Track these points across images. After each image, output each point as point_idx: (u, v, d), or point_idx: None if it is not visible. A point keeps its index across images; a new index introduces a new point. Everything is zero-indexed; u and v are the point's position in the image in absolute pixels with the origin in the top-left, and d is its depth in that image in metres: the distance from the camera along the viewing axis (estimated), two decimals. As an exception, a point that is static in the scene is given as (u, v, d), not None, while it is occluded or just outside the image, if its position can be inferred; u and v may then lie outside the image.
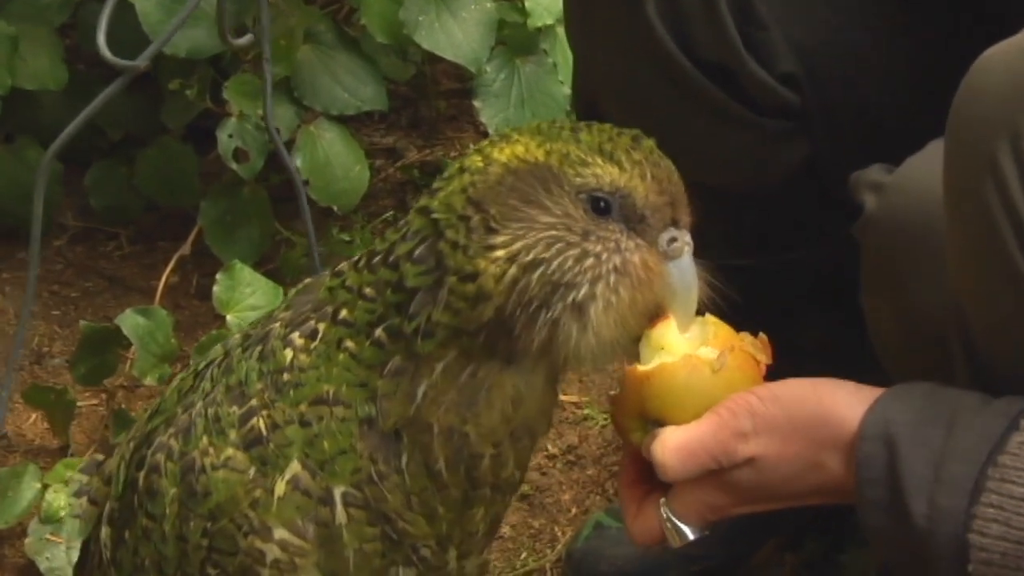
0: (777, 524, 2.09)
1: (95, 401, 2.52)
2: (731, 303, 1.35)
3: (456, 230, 1.26)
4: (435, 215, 1.28)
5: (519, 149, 1.28)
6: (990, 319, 1.24)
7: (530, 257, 1.25)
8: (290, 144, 2.65)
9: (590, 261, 1.26)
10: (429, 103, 3.02)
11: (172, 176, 2.77)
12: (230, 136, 2.60)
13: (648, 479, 1.34)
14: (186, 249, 2.72)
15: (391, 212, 2.89)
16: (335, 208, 2.70)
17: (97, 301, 2.74)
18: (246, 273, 2.41)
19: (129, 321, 2.30)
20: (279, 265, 2.71)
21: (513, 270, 1.25)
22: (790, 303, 1.81)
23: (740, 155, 1.70)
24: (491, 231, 1.26)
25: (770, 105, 1.66)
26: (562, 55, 2.70)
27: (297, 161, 2.66)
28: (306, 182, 2.66)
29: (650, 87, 1.68)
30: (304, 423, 1.32)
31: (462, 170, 1.29)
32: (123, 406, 2.44)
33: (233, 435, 1.33)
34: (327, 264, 2.74)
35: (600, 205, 1.27)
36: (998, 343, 1.24)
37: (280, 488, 1.31)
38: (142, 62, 2.09)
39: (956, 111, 1.23)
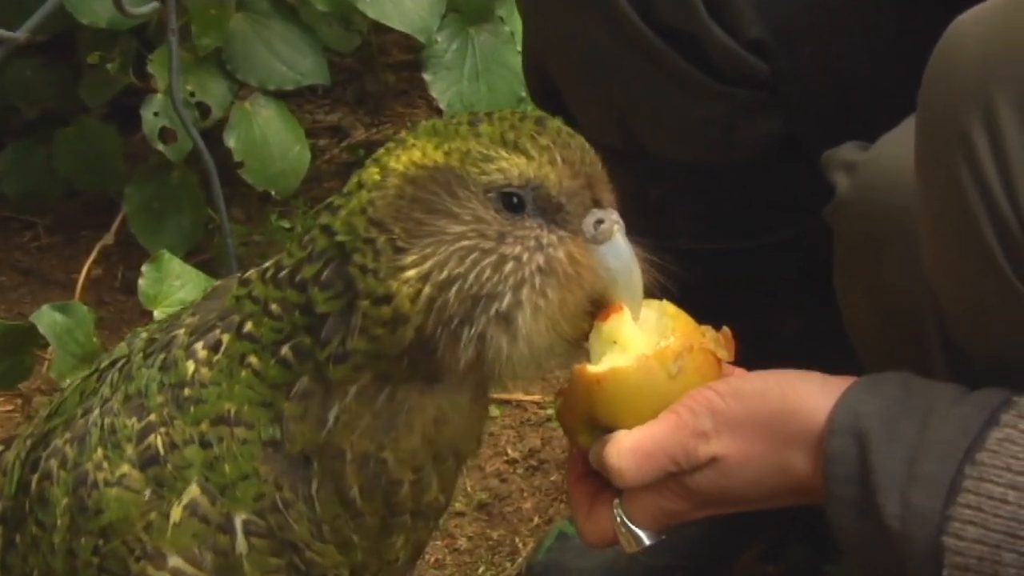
0: (757, 530, 2.11)
1: (10, 407, 2.53)
2: (700, 289, 1.36)
3: (363, 254, 1.26)
4: (339, 237, 1.28)
5: (416, 155, 1.28)
6: (964, 303, 1.25)
7: (444, 275, 1.25)
8: (223, 122, 2.66)
9: (509, 266, 1.27)
10: (376, 76, 3.04)
11: (93, 159, 2.78)
12: (156, 114, 2.61)
13: (599, 473, 1.35)
14: (109, 239, 2.72)
15: (335, 196, 2.90)
16: (273, 192, 2.72)
17: (11, 296, 2.75)
18: (175, 264, 2.39)
19: (46, 318, 2.30)
20: (212, 255, 2.72)
21: (428, 289, 1.25)
22: (769, 289, 1.83)
23: (708, 128, 1.71)
24: (399, 251, 1.26)
25: (737, 74, 1.67)
26: (520, 23, 2.72)
27: (231, 141, 2.67)
28: (241, 164, 2.68)
29: (607, 54, 1.70)
30: (204, 444, 1.33)
31: (360, 185, 1.29)
32: (40, 412, 2.45)
33: (130, 450, 1.34)
34: (267, 254, 2.75)
35: (512, 201, 1.28)
36: (973, 327, 1.26)
37: (177, 513, 1.32)
38: (22, 34, 2.06)
39: (927, 83, 1.24)
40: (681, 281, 1.33)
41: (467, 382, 1.32)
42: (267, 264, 1.36)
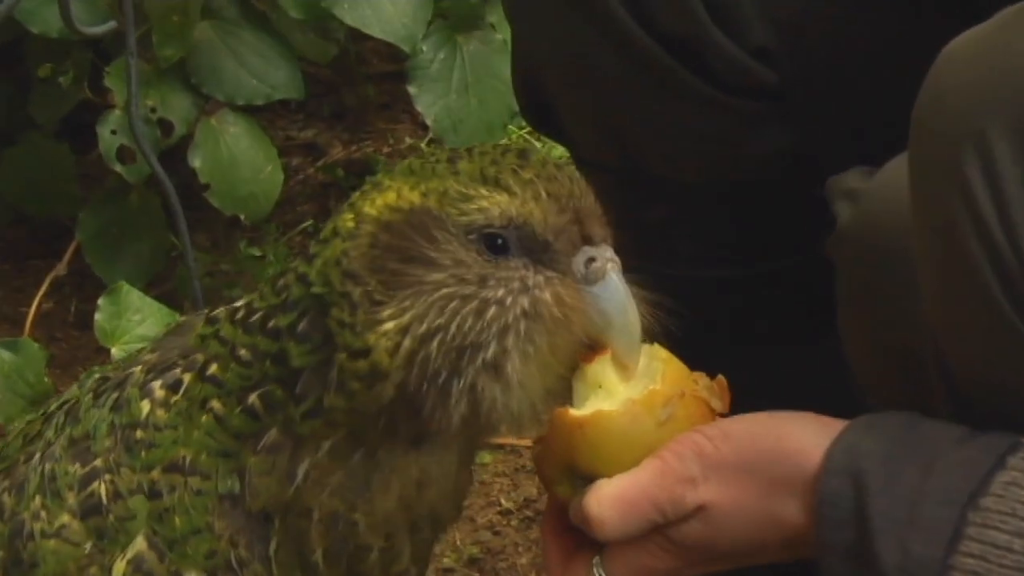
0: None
1: (-48, 453, 2.54)
2: (696, 326, 1.37)
3: (340, 308, 1.29)
4: (315, 289, 1.30)
5: (391, 198, 1.30)
6: (964, 343, 1.27)
7: (424, 327, 1.27)
8: (187, 141, 2.68)
9: (492, 311, 1.28)
10: (355, 89, 3.05)
11: (43, 181, 2.80)
12: (113, 132, 2.63)
13: (579, 528, 1.35)
14: (62, 269, 2.74)
15: (310, 221, 2.92)
16: (242, 217, 2.73)
17: (-46, 333, 2.76)
18: (134, 297, 2.40)
19: (-8, 356, 2.32)
20: (175, 287, 2.74)
21: (408, 343, 1.27)
22: (777, 323, 1.84)
23: (710, 143, 1.72)
24: (376, 304, 1.28)
25: (742, 84, 1.68)
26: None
27: (196, 161, 2.69)
28: (207, 186, 2.69)
29: (602, 64, 1.71)
30: (153, 493, 1.34)
31: (335, 233, 1.31)
32: (-15, 459, 2.46)
33: (71, 499, 1.35)
34: (235, 285, 2.77)
35: (496, 243, 1.29)
36: (974, 369, 1.27)
37: (120, 568, 1.33)
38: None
39: (917, 115, 1.26)
40: (682, 319, 1.34)
41: (456, 440, 1.33)
42: (238, 304, 1.38)
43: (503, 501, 2.46)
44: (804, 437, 1.29)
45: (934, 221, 1.25)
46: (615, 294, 1.31)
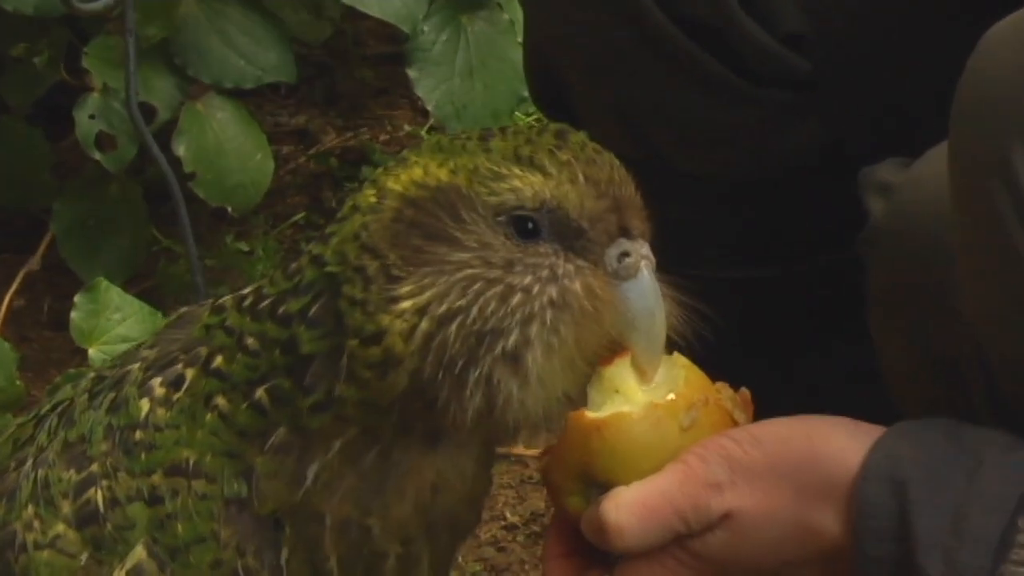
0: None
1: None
2: (721, 332, 1.38)
3: (352, 284, 1.29)
4: (329, 268, 1.31)
5: (417, 173, 1.31)
6: (1009, 347, 1.28)
7: (443, 308, 1.27)
8: (171, 126, 2.68)
9: (517, 298, 1.29)
10: (350, 73, 3.05)
11: (15, 168, 2.80)
12: (92, 117, 2.63)
13: (585, 551, 1.36)
14: (35, 264, 2.74)
15: (302, 214, 2.93)
16: (230, 209, 2.74)
17: (-80, 332, 2.76)
18: (114, 294, 2.41)
19: (-40, 357, 2.32)
20: (158, 283, 2.75)
21: (425, 324, 1.28)
22: (806, 327, 1.84)
23: (738, 136, 1.73)
24: (393, 280, 1.29)
25: (772, 73, 1.69)
26: (521, 11, 2.75)
27: (180, 148, 2.69)
28: (192, 175, 2.69)
29: (622, 51, 1.72)
30: (154, 499, 1.34)
31: (355, 209, 1.32)
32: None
33: (66, 508, 1.36)
34: (221, 283, 2.78)
35: (526, 227, 1.30)
36: (1019, 373, 1.28)
37: None
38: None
39: (959, 103, 1.26)
40: (714, 326, 1.35)
41: (473, 440, 1.34)
42: (246, 291, 1.38)
43: (508, 515, 2.47)
44: (839, 441, 1.30)
45: (977, 214, 1.26)
46: (645, 294, 1.32)
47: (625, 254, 1.32)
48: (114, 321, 2.40)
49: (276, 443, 1.33)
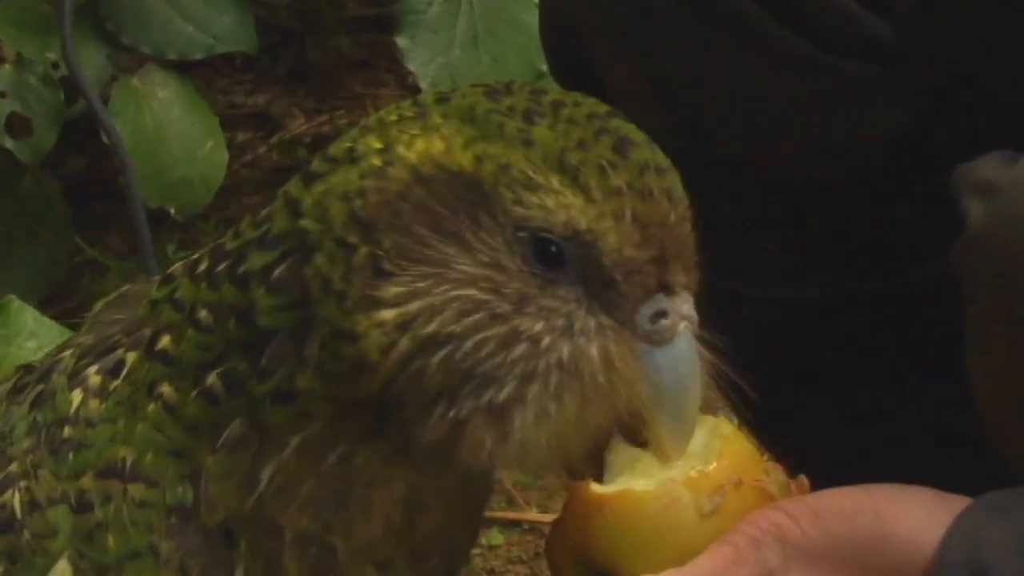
0: None
1: None
2: (756, 359, 1.39)
3: (330, 259, 1.31)
4: (304, 222, 1.32)
5: (437, 146, 1.31)
6: None
7: (431, 328, 1.30)
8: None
9: (522, 348, 1.30)
10: (324, 41, 3.07)
11: (-93, 160, 2.83)
12: (2, 95, 2.65)
13: None
14: (-70, 278, 2.75)
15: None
16: (172, 211, 2.77)
17: None
18: (28, 316, 2.43)
19: None
20: (81, 303, 2.76)
21: (405, 343, 1.30)
22: (877, 358, 1.85)
23: (800, 117, 1.73)
24: (380, 274, 1.30)
25: (847, 39, 1.69)
26: (537, -37, 2.77)
27: (111, 134, 2.70)
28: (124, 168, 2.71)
29: (660, 13, 1.72)
30: (82, 505, 1.36)
31: (352, 157, 1.33)
32: None
33: None
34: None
35: (550, 251, 1.31)
36: None
37: None
38: None
39: None
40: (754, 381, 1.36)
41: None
42: (201, 251, 1.40)
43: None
44: (913, 518, 1.32)
45: None
46: (679, 365, 1.33)
47: (661, 314, 1.33)
48: (27, 350, 2.43)
49: (230, 439, 1.35)
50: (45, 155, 2.68)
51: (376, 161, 1.32)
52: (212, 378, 1.35)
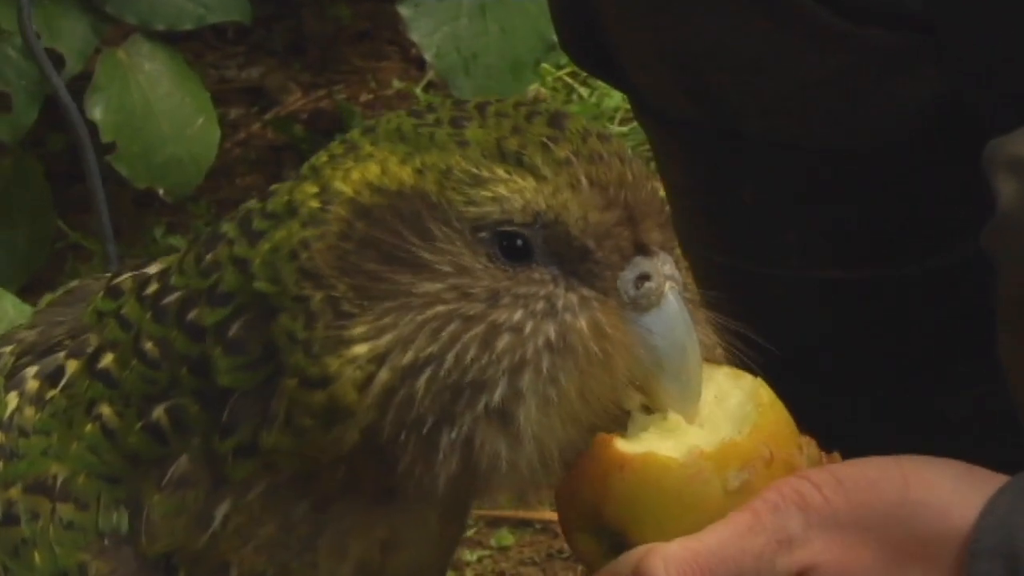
0: None
1: None
2: (788, 344, 1.43)
3: (292, 317, 1.34)
4: (259, 285, 1.35)
5: (372, 172, 1.35)
6: None
7: (409, 356, 1.33)
8: (83, 82, 2.73)
9: (505, 340, 1.34)
10: (321, 11, 3.07)
11: None
12: (-21, 70, 2.66)
13: None
14: (-96, 263, 2.77)
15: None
16: (161, 192, 2.78)
17: None
18: (7, 304, 2.43)
19: None
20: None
21: (384, 375, 1.33)
22: (909, 344, 1.88)
23: (830, 93, 1.75)
24: (343, 316, 1.33)
25: (878, 11, 1.71)
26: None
27: (96, 110, 2.74)
28: (110, 147, 2.74)
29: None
30: (8, 517, 1.40)
31: (291, 209, 1.36)
32: None
33: None
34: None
35: (516, 245, 1.35)
36: None
37: None
38: None
39: None
40: (766, 350, 1.39)
41: (439, 499, 1.38)
42: (150, 270, 1.43)
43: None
44: (943, 492, 1.36)
45: None
46: (672, 326, 1.37)
47: (644, 277, 1.37)
48: (7, 337, 2.43)
49: (176, 476, 1.38)
50: (25, 133, 2.69)
51: (314, 204, 1.35)
52: (159, 412, 1.38)
